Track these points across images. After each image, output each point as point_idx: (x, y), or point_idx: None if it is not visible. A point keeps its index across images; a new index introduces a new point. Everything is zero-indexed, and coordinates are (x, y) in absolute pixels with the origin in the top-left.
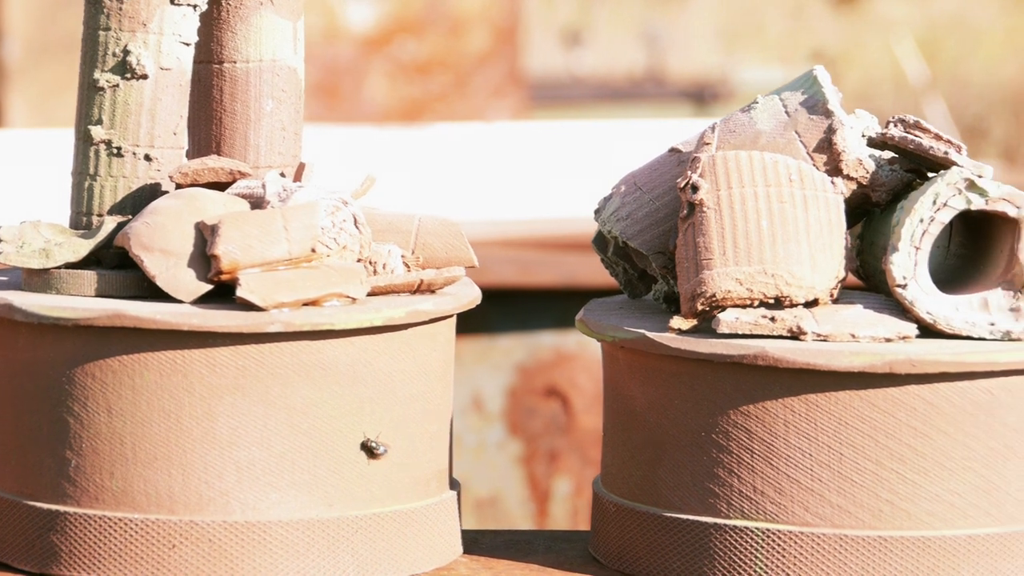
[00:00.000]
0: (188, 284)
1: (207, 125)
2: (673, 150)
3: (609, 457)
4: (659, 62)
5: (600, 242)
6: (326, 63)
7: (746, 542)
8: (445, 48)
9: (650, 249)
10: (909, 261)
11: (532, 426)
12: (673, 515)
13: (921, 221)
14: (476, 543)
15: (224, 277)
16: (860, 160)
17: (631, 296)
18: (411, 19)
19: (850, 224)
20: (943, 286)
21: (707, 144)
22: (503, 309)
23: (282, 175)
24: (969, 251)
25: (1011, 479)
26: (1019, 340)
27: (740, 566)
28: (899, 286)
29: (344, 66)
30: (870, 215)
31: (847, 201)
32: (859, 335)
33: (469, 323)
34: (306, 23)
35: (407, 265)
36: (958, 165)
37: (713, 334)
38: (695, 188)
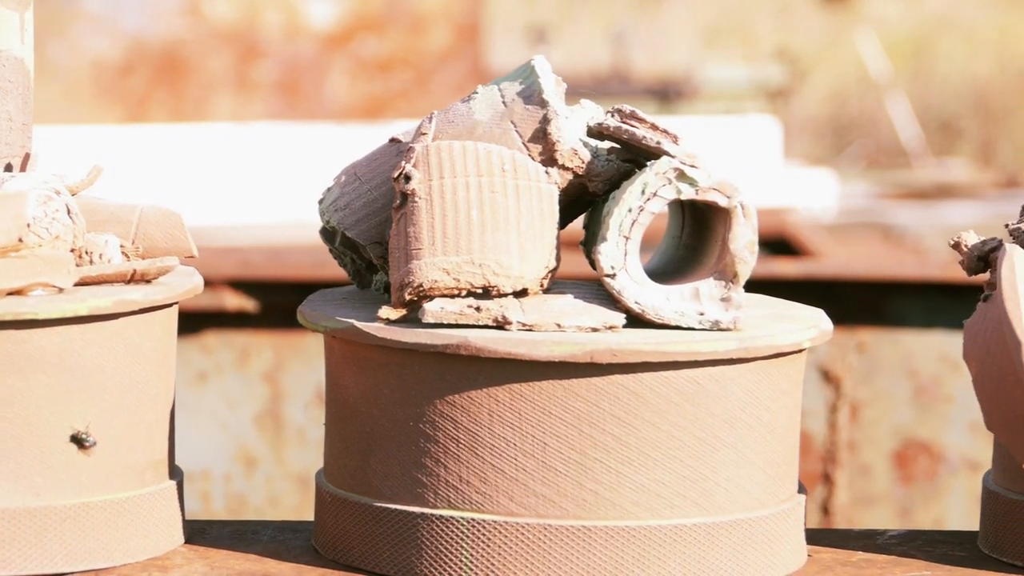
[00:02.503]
0: None
1: None
2: (393, 140)
3: (328, 448)
4: (624, 60)
5: (328, 233)
6: (287, 60)
7: (452, 532)
8: (406, 45)
9: (368, 239)
10: (618, 251)
11: None
12: (383, 505)
13: (630, 211)
14: (203, 533)
15: None
16: (575, 150)
17: (360, 286)
18: (372, 17)
19: (573, 214)
20: (672, 277)
21: (424, 134)
22: None
23: (9, 166)
24: (695, 241)
25: (719, 469)
26: (728, 330)
27: (446, 556)
28: (608, 276)
29: (305, 63)
30: (595, 205)
31: (565, 192)
32: (565, 325)
33: None
34: (267, 20)
35: (126, 255)
36: (669, 155)
37: (421, 324)
38: (408, 178)
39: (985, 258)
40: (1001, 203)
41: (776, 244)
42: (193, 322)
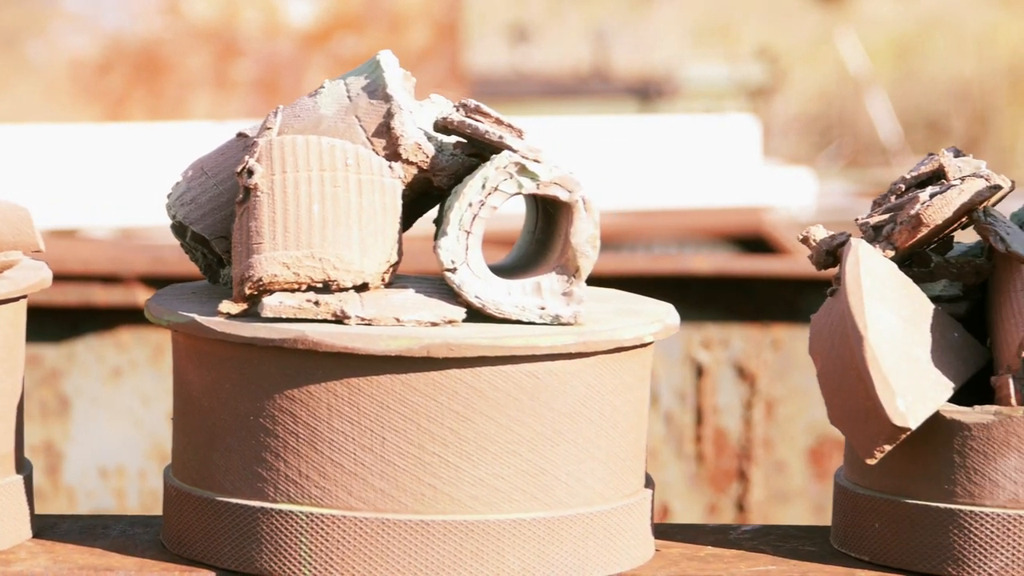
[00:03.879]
0: None
1: None
2: (241, 135)
3: (174, 443)
4: (605, 59)
5: (178, 228)
6: (266, 59)
7: (291, 526)
8: (385, 44)
9: (213, 234)
10: (458, 245)
11: None
12: (224, 499)
13: (471, 205)
14: (53, 528)
15: None
16: (419, 145)
17: (211, 281)
18: (351, 15)
19: (421, 209)
20: (523, 271)
21: (268, 128)
22: None
23: None
24: (544, 236)
25: (559, 463)
26: (569, 324)
27: (286, 550)
28: (448, 270)
29: (284, 62)
30: (444, 200)
31: (410, 186)
32: (404, 319)
33: None
34: (246, 19)
35: None
36: (511, 149)
37: (261, 318)
38: (250, 172)
39: (834, 252)
40: None
41: (753, 242)
42: (108, 319)
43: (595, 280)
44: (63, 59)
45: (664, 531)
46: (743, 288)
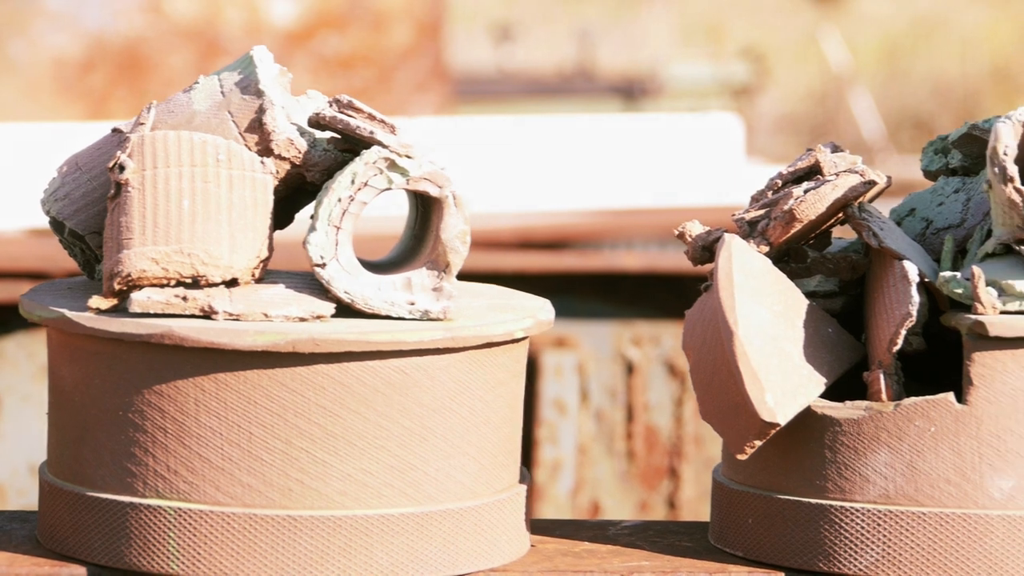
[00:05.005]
0: None
1: None
2: (115, 130)
3: (49, 438)
4: (590, 58)
5: (56, 223)
6: None
7: (159, 521)
8: (368, 43)
9: (87, 229)
10: (327, 240)
11: None
12: (94, 494)
13: (339, 201)
14: None
15: None
16: (291, 140)
17: (89, 276)
18: (333, 14)
19: (297, 205)
20: (401, 267)
21: (142, 124)
22: None
23: None
24: (421, 231)
25: (429, 459)
26: (439, 320)
27: (154, 545)
28: (317, 265)
29: None
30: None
31: (284, 182)
32: (272, 314)
33: None
34: (228, 18)
35: None
36: (382, 144)
37: (129, 313)
38: (122, 168)
39: (710, 248)
40: None
41: None
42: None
43: (526, 278)
44: (45, 58)
45: (544, 527)
46: (673, 285)
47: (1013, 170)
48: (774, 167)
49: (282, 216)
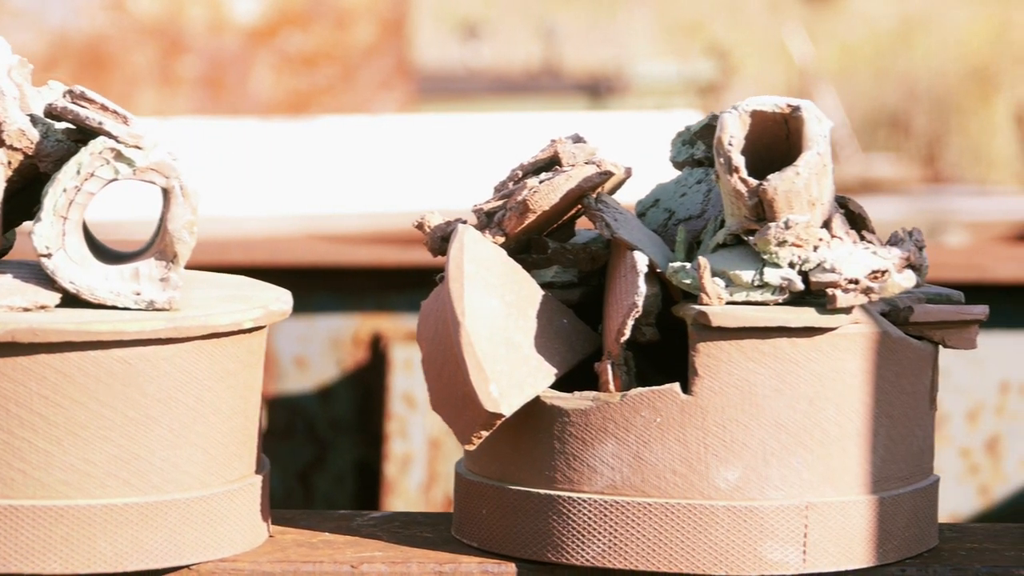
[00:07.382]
0: None
1: None
2: None
3: None
4: (556, 55)
5: None
6: (211, 55)
7: None
8: (331, 40)
9: None
10: (53, 231)
11: None
12: None
13: (65, 191)
14: None
15: None
16: (23, 130)
17: None
18: (297, 11)
19: (34, 194)
20: (135, 257)
21: None
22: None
23: None
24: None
25: (154, 449)
26: (164, 310)
27: None
28: (43, 255)
29: (229, 58)
30: None
31: (18, 172)
32: None
33: None
34: (191, 15)
35: None
36: (110, 135)
37: None
38: None
39: (448, 238)
40: (926, 199)
41: None
42: None
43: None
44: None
45: (288, 518)
46: None
47: (739, 160)
48: None
49: (22, 207)
